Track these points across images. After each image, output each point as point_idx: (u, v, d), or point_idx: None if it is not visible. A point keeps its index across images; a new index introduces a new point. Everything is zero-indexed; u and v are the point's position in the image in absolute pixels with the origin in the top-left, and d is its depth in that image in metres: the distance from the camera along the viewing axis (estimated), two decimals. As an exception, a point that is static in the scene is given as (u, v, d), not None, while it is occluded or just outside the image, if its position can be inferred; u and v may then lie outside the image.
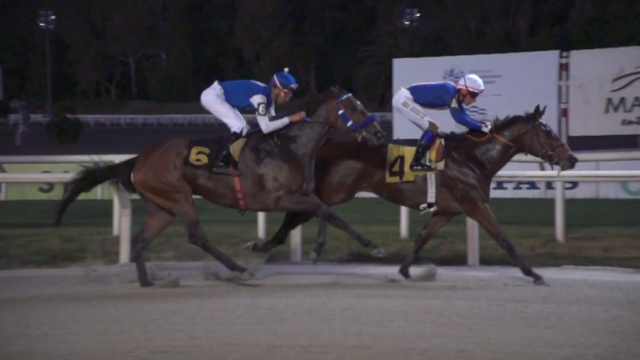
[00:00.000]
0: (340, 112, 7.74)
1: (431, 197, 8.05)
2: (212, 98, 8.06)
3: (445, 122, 8.30)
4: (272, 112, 7.99)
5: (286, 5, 66.85)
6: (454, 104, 8.10)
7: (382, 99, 44.91)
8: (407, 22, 55.75)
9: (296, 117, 7.84)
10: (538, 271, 7.99)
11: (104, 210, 12.12)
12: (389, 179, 8.06)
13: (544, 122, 8.10)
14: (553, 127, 17.03)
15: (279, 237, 8.34)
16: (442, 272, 8.46)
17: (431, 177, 8.03)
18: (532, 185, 16.54)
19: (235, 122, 7.98)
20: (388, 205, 9.00)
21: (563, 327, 5.94)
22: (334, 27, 65.82)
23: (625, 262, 9.22)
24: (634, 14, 53.62)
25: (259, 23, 66.10)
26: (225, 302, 7.01)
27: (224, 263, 7.86)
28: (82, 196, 8.39)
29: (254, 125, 8.00)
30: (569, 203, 10.61)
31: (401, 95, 8.26)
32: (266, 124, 7.87)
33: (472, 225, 9.37)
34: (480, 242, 9.32)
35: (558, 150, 8.01)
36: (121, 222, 9.88)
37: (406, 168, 8.04)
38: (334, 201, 8.21)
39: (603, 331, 5.82)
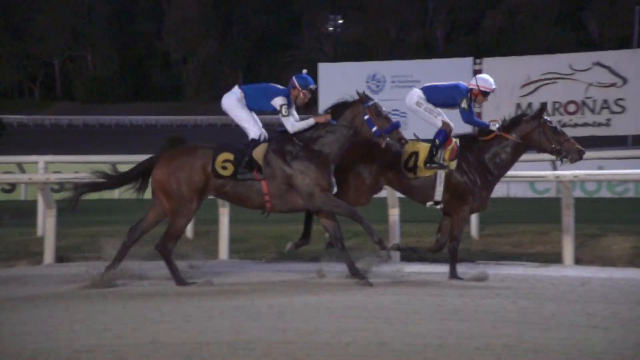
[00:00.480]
0: (366, 117, 7.72)
1: (438, 195, 8.08)
2: (233, 102, 7.99)
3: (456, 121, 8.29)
4: (294, 114, 7.97)
5: (213, 10, 66.30)
6: (464, 104, 8.08)
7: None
8: (331, 28, 56.10)
9: (322, 119, 7.84)
10: (466, 266, 8.18)
11: (28, 211, 11.86)
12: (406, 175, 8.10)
13: (549, 119, 8.15)
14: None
15: (307, 235, 8.37)
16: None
17: (440, 176, 8.05)
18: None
19: (253, 128, 7.94)
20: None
21: (475, 319, 6.07)
22: (260, 32, 65.62)
23: (532, 256, 9.49)
24: (539, 25, 55.11)
25: (186, 26, 65.35)
26: (152, 302, 6.93)
27: (175, 275, 7.79)
28: (4, 197, 8.18)
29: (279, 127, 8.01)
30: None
31: (414, 95, 8.27)
32: (292, 125, 7.85)
33: (393, 222, 9.49)
34: (401, 240, 9.44)
35: (565, 144, 8.03)
36: (46, 223, 9.68)
37: (420, 164, 8.05)
38: (362, 202, 8.26)
39: (511, 322, 5.96)
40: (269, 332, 5.70)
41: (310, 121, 7.84)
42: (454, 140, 8.07)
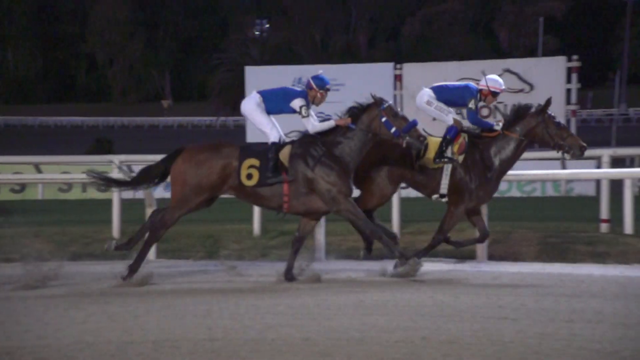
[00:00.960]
0: (383, 119, 7.67)
1: (444, 188, 8.03)
2: (252, 107, 7.91)
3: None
4: (313, 115, 7.88)
5: (138, 12, 65.25)
6: (471, 105, 8.05)
7: (236, 104, 44.92)
8: (257, 33, 56.06)
9: (342, 121, 7.77)
10: (381, 263, 8.14)
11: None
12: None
13: (552, 114, 8.10)
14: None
15: (368, 245, 8.26)
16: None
17: (447, 169, 7.99)
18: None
19: (272, 131, 7.85)
20: (242, 204, 8.94)
21: (395, 314, 6.12)
22: (186, 35, 64.94)
23: (449, 253, 9.57)
24: (454, 33, 56.28)
25: (111, 28, 64.08)
26: (76, 302, 6.76)
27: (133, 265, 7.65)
28: None
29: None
30: (404, 201, 10.90)
31: (424, 95, 8.22)
32: (312, 125, 7.78)
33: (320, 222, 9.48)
34: (327, 238, 9.44)
35: (568, 140, 7.97)
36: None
37: (429, 156, 8.00)
38: (382, 202, 8.24)
39: (429, 315, 6.03)
40: (195, 331, 5.62)
41: (331, 123, 7.80)
42: (462, 135, 8.04)
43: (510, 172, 8.42)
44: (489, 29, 59.26)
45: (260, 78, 19.12)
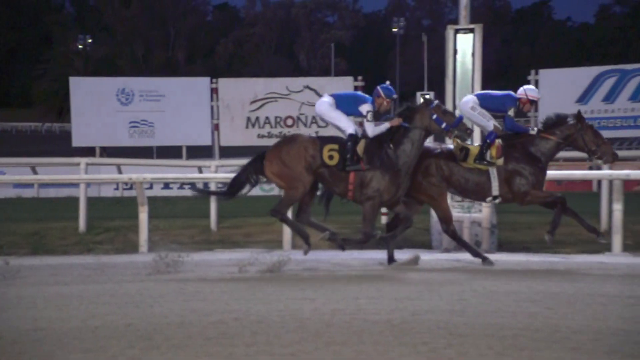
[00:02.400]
0: (434, 116, 7.59)
1: (495, 190, 7.79)
2: (326, 107, 7.84)
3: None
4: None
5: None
6: (511, 112, 7.88)
7: (61, 111, 42.89)
8: (80, 46, 53.87)
9: (395, 122, 7.66)
10: (196, 255, 8.00)
11: None
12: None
13: (590, 123, 7.97)
14: (208, 138, 17.58)
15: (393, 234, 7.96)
16: (115, 259, 8.21)
17: (493, 172, 7.76)
18: (193, 185, 16.73)
19: (348, 125, 7.75)
20: (66, 202, 8.51)
21: (212, 299, 6.04)
22: (8, 47, 60.59)
23: (260, 243, 9.68)
24: (262, 53, 57.19)
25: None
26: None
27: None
28: None
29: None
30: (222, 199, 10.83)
31: (469, 101, 7.96)
32: (372, 129, 7.68)
33: (142, 220, 9.21)
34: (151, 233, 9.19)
35: (603, 147, 7.85)
36: None
37: (470, 160, 7.77)
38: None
39: (242, 299, 5.99)
40: (18, 322, 5.24)
41: (386, 125, 7.70)
42: (497, 141, 7.86)
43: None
44: (291, 51, 60.64)
45: (85, 88, 18.38)
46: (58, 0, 60.39)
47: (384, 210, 8.81)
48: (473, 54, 9.04)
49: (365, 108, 7.75)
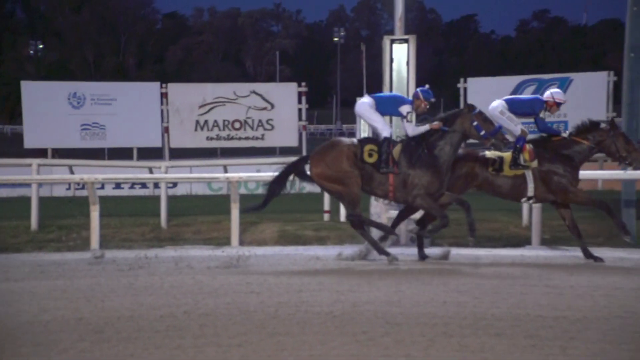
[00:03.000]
0: (475, 123, 7.38)
1: (530, 191, 7.66)
2: (366, 107, 7.70)
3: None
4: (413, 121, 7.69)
5: None
6: (542, 114, 7.78)
7: (13, 113, 41.62)
8: (31, 52, 52.25)
9: (436, 125, 7.52)
10: (157, 251, 7.87)
11: None
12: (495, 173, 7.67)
13: (622, 130, 7.85)
14: (158, 141, 17.38)
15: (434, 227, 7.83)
16: (66, 256, 8.00)
17: (529, 174, 7.61)
18: (144, 185, 16.45)
19: (384, 127, 7.62)
20: (19, 202, 8.25)
21: (162, 293, 5.96)
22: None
23: (208, 240, 9.59)
24: (210, 60, 56.79)
25: None
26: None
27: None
28: None
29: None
30: (171, 199, 10.70)
31: (499, 106, 7.79)
32: (412, 129, 7.58)
33: (94, 218, 8.99)
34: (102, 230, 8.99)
35: (634, 154, 7.71)
36: None
37: (505, 167, 7.63)
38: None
39: (190, 293, 5.94)
40: (-26, 318, 5.07)
41: (426, 126, 7.58)
42: (527, 145, 7.71)
43: (258, 174, 8.47)
44: (237, 58, 60.28)
45: (35, 92, 17.90)
46: (9, 6, 58.29)
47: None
48: (407, 63, 9.15)
49: (405, 109, 7.67)
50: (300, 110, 16.63)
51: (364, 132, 8.90)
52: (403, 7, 9.36)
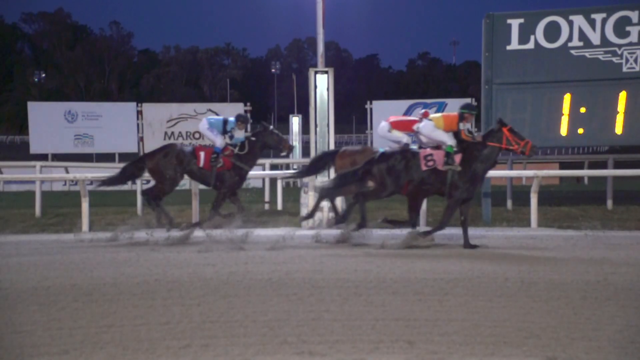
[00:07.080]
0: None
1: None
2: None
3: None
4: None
5: None
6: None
7: (22, 127, 40.21)
8: (36, 79, 50.59)
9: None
10: (132, 233, 7.50)
11: None
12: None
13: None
14: (135, 147, 17.19)
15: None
16: (63, 236, 7.58)
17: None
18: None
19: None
20: (26, 195, 7.76)
21: (138, 265, 5.69)
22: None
23: (178, 223, 9.21)
24: (176, 85, 55.90)
25: None
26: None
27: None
28: None
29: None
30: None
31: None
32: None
33: (85, 207, 8.54)
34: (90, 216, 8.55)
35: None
36: None
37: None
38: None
39: (161, 265, 5.70)
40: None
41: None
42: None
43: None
44: (197, 84, 59.60)
45: (39, 110, 17.79)
46: (19, 45, 57.47)
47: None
48: (327, 89, 9.18)
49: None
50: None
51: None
52: (323, 47, 9.43)
